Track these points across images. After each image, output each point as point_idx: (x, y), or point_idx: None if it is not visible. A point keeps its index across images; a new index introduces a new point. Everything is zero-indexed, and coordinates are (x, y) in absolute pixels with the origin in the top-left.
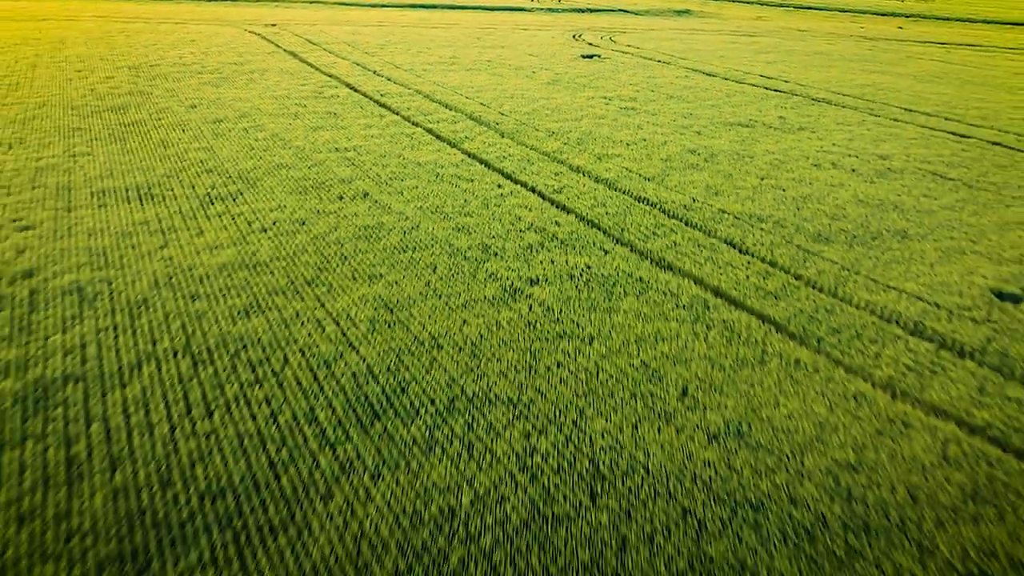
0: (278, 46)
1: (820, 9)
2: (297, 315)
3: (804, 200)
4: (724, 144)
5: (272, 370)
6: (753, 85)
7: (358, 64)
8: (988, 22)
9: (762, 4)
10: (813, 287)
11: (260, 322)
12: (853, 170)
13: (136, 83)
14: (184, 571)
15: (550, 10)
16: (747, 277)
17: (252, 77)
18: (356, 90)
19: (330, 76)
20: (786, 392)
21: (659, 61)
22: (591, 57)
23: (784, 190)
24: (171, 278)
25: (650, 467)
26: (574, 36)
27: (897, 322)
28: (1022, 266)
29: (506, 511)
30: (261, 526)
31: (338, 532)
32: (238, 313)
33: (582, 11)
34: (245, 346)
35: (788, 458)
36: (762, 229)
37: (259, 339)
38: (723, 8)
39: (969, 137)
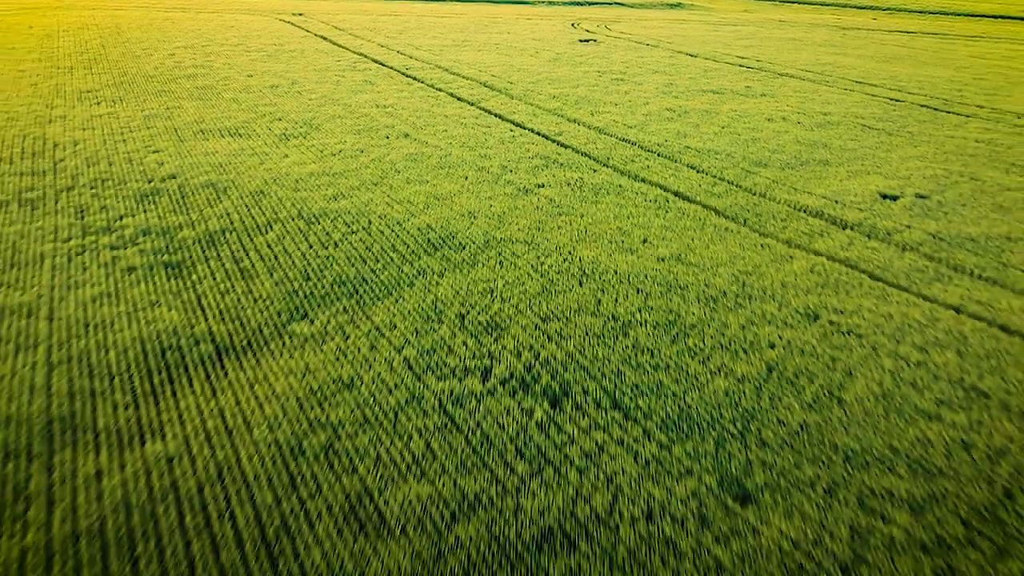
0: (308, 31)
1: (804, 3)
2: (372, 199)
3: (753, 141)
4: (696, 104)
5: (362, 226)
6: (728, 64)
7: (382, 45)
8: (957, 14)
9: None
10: (748, 191)
11: (347, 203)
12: (799, 123)
13: (196, 59)
14: (330, 317)
15: (550, 3)
16: (700, 185)
17: (293, 55)
18: (384, 65)
19: (360, 55)
20: (715, 241)
21: (648, 45)
22: (587, 41)
23: (739, 135)
24: (275, 179)
25: (618, 271)
26: (572, 24)
27: (803, 210)
28: (907, 180)
29: (526, 288)
30: (371, 298)
31: (421, 300)
32: (330, 198)
33: (580, 4)
34: (340, 214)
35: (708, 269)
36: (716, 158)
37: (349, 211)
38: (714, 1)
39: (902, 101)
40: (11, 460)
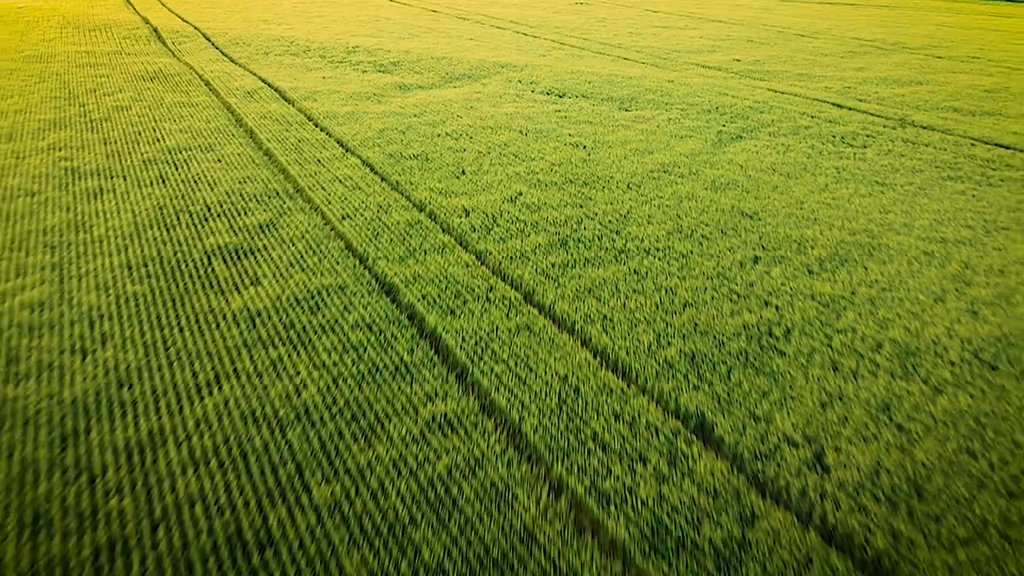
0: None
1: None
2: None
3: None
4: (676, 20)
5: (467, 134)
6: (695, 17)
7: (434, 10)
8: None
9: None
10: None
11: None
12: (709, 25)
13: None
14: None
15: None
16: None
17: (419, 21)
18: (443, 14)
19: (434, 11)
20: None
21: (628, 7)
22: (582, 3)
23: (697, 32)
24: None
25: (612, 141)
26: None
27: (708, 66)
28: (764, 57)
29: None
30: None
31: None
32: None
33: None
34: (447, 123)
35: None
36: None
37: (458, 111)
38: None
39: (787, 31)
40: None
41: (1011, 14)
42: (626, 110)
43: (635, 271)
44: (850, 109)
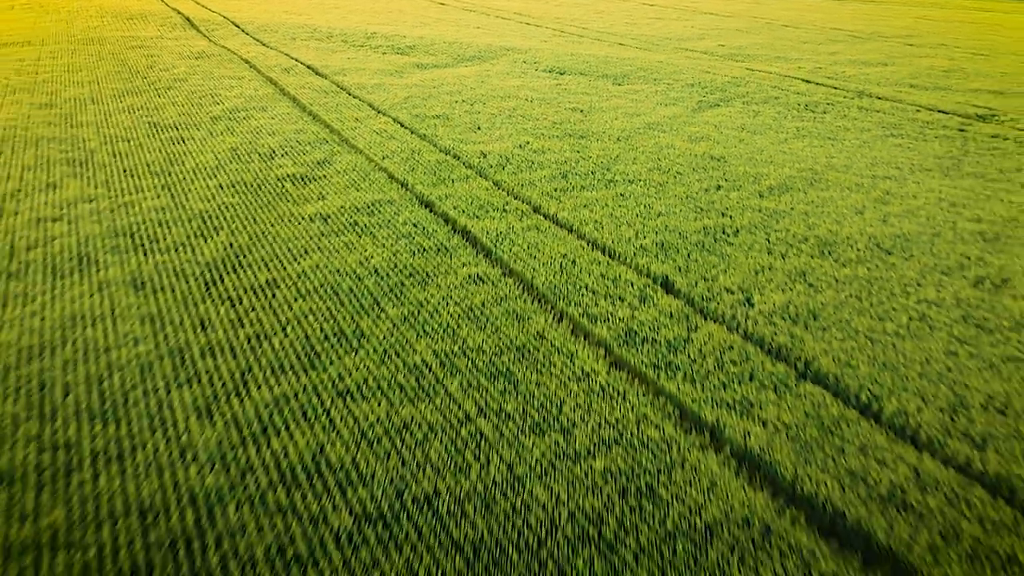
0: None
1: None
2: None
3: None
4: (671, 12)
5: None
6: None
7: (442, 3)
8: None
9: None
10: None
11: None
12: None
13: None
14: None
15: None
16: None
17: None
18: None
19: (442, 3)
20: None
21: (626, 0)
22: None
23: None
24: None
25: (605, 107)
26: None
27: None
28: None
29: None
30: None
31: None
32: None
33: None
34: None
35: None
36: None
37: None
38: None
39: (774, 23)
40: None
41: (990, 8)
42: (619, 84)
43: (621, 194)
44: (817, 84)
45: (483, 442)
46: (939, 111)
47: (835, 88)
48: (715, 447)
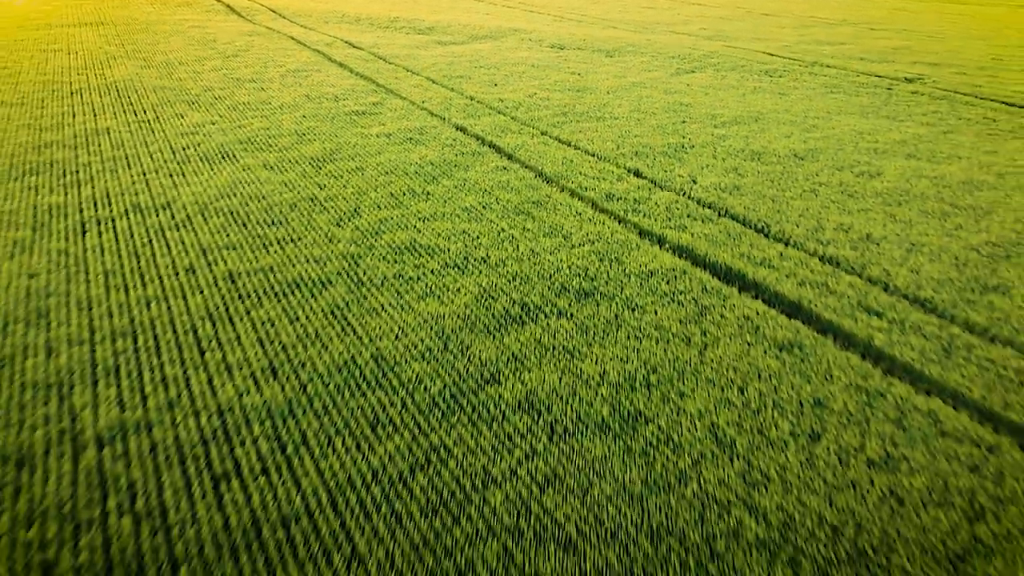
0: None
1: None
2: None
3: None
4: (661, 3)
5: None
6: None
7: None
8: None
9: None
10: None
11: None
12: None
13: None
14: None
15: None
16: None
17: None
18: None
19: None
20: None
21: None
22: None
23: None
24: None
25: (598, 72)
26: None
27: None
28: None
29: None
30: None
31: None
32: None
33: None
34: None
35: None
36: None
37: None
38: None
39: (755, 11)
40: None
41: (964, 1)
42: (610, 56)
43: (608, 125)
44: (781, 57)
45: (514, 239)
46: (877, 76)
47: (794, 59)
48: (659, 244)
